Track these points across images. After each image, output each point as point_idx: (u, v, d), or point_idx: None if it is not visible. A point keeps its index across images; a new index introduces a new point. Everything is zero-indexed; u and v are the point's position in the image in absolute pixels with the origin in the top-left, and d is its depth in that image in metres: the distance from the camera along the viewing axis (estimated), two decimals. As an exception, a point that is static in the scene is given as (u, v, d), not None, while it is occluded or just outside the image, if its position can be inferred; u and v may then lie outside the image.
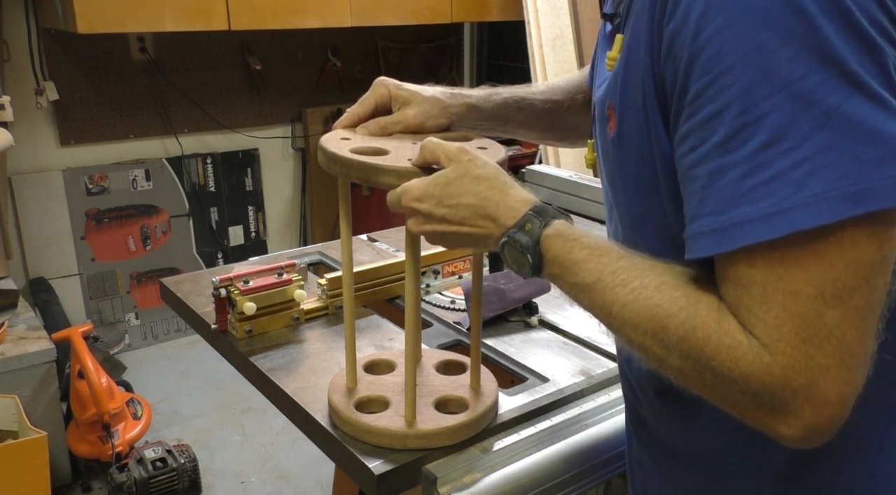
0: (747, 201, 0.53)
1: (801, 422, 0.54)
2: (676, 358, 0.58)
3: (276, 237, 3.64)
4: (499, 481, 0.89)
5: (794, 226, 0.51)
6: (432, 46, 3.83)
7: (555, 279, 0.70)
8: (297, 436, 1.24)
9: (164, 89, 3.14)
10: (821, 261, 0.52)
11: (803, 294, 0.52)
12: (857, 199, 0.50)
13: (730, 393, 0.57)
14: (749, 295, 0.54)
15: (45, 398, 2.27)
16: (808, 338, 0.52)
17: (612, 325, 0.65)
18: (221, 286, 1.19)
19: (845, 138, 0.51)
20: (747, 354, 0.54)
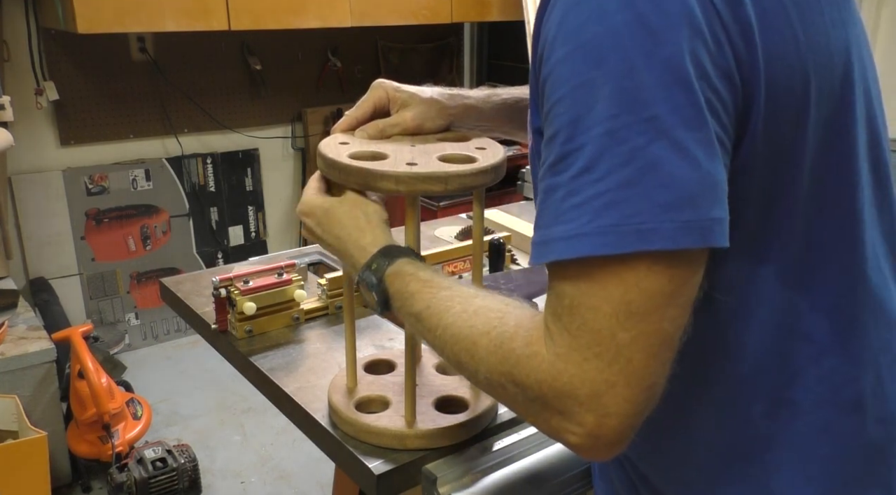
0: (560, 221, 0.57)
1: (584, 431, 0.57)
2: (485, 371, 0.64)
3: (276, 237, 3.64)
4: (499, 481, 0.89)
5: (587, 251, 0.55)
6: (432, 46, 3.83)
7: (398, 312, 0.77)
8: (297, 436, 1.24)
9: (164, 89, 3.14)
10: (619, 283, 0.55)
11: (601, 311, 0.55)
12: (643, 237, 0.54)
13: (526, 400, 0.60)
14: (562, 305, 0.58)
15: (45, 398, 2.27)
16: (600, 354, 0.56)
17: (437, 347, 0.70)
18: (221, 286, 1.19)
19: (643, 178, 0.54)
20: (543, 363, 0.58)
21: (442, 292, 0.71)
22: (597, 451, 0.59)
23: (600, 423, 0.56)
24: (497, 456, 0.92)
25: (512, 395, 0.62)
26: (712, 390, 0.68)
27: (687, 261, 0.56)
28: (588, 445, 0.58)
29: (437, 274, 0.76)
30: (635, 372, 0.56)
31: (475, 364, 0.65)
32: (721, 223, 0.56)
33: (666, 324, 0.56)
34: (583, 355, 0.56)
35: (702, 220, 0.55)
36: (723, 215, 0.56)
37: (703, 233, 0.55)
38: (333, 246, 0.85)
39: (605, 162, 0.55)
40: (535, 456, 0.93)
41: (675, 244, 0.54)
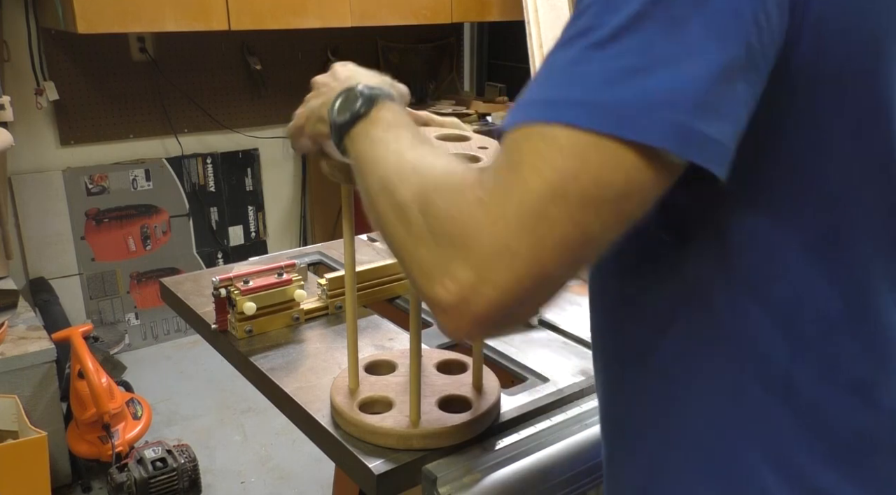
0: (551, 85, 0.54)
1: (457, 287, 0.53)
2: (403, 192, 0.59)
3: (276, 237, 3.64)
4: (499, 481, 0.89)
5: (564, 118, 0.52)
6: (432, 46, 3.83)
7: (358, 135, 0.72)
8: (297, 436, 1.24)
9: (164, 89, 3.14)
10: (577, 158, 0.52)
11: (544, 177, 0.52)
12: (623, 122, 0.51)
13: (424, 232, 0.56)
14: (509, 159, 0.54)
15: (45, 398, 2.27)
16: (520, 217, 0.52)
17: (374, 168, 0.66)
18: (221, 286, 1.19)
19: (652, 71, 0.51)
20: (463, 202, 0.54)
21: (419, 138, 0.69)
22: (456, 318, 0.54)
23: (476, 287, 0.52)
24: (497, 456, 0.92)
25: (414, 226, 0.57)
26: (712, 362, 0.65)
27: (655, 168, 0.52)
28: (452, 305, 0.54)
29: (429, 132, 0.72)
30: (542, 251, 0.52)
31: (403, 185, 0.60)
32: (711, 143, 0.52)
33: (598, 223, 0.52)
34: (503, 211, 0.52)
35: (692, 130, 0.51)
36: (718, 136, 0.52)
37: (687, 142, 0.51)
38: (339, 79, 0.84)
39: (621, 43, 0.52)
40: (536, 456, 0.93)
41: (651, 140, 0.51)
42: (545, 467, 0.93)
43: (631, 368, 0.71)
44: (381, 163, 0.66)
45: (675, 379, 0.67)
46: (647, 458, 0.71)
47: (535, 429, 0.97)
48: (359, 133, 0.72)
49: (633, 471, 0.73)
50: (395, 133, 0.70)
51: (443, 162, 0.62)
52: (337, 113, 0.75)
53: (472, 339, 0.56)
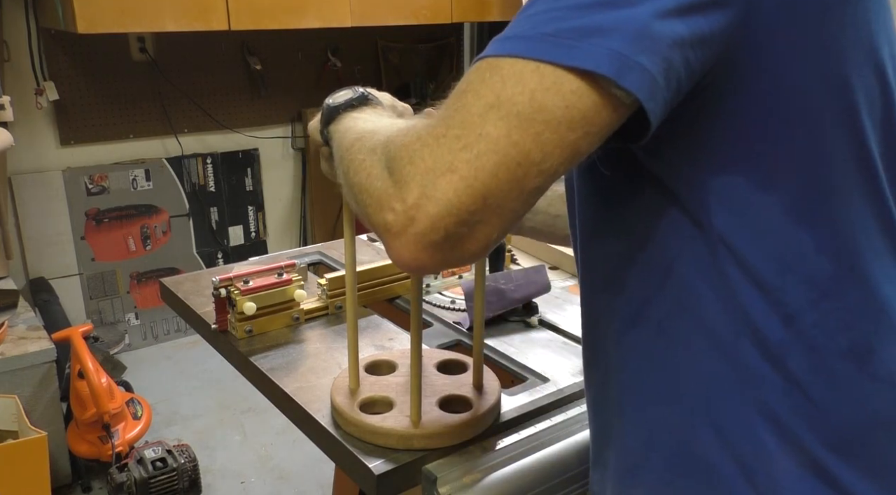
0: (508, 29, 0.57)
1: (402, 207, 0.55)
2: (365, 143, 0.64)
3: (276, 237, 3.64)
4: (499, 481, 0.89)
5: (506, 50, 0.55)
6: (432, 46, 3.83)
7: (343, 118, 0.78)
8: (297, 436, 1.24)
9: (164, 89, 3.14)
10: (517, 82, 0.54)
11: (484, 99, 0.54)
12: (561, 49, 0.53)
13: (376, 165, 0.60)
14: (457, 90, 0.57)
15: (45, 398, 2.27)
16: (459, 136, 0.54)
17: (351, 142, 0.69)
18: (221, 286, 1.19)
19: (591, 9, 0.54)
20: (413, 132, 0.58)
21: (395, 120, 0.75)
22: (403, 239, 0.56)
23: (419, 203, 0.54)
24: (497, 456, 0.92)
25: (374, 165, 0.60)
26: (704, 325, 0.65)
27: (594, 97, 0.54)
28: (399, 227, 0.56)
29: None
30: (480, 170, 0.53)
31: (369, 137, 0.65)
32: (646, 74, 0.53)
33: (535, 146, 0.54)
34: (444, 131, 0.55)
35: (628, 58, 0.53)
36: (652, 69, 0.54)
37: (622, 68, 0.53)
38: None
39: None
40: (536, 456, 0.93)
41: (587, 65, 0.53)
42: (545, 467, 0.93)
43: (627, 328, 0.71)
44: (359, 127, 0.72)
45: (672, 337, 0.67)
46: (645, 418, 0.71)
47: (535, 429, 0.97)
48: (345, 117, 0.78)
49: (632, 432, 0.73)
50: (377, 114, 0.78)
51: (419, 116, 0.66)
52: (333, 99, 0.81)
53: (418, 265, 0.56)
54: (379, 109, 0.81)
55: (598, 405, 0.79)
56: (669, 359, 0.68)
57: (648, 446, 0.71)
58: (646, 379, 0.70)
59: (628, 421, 0.74)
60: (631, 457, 0.74)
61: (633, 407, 0.72)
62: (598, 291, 0.75)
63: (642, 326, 0.69)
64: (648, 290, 0.68)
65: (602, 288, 0.74)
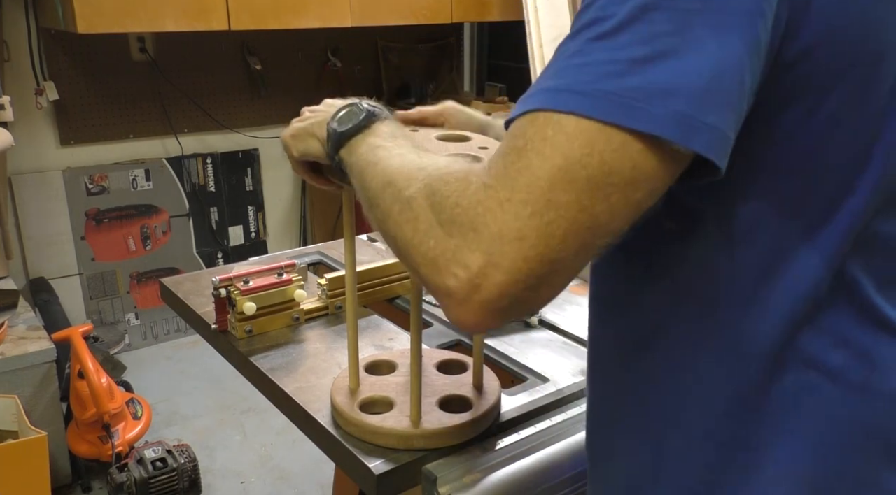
0: (557, 76, 0.55)
1: (467, 275, 0.54)
2: (410, 190, 0.60)
3: (276, 237, 3.64)
4: (499, 481, 0.89)
5: (571, 107, 0.53)
6: (432, 46, 3.83)
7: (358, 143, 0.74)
8: (297, 436, 1.24)
9: (164, 89, 3.14)
10: (584, 145, 0.52)
11: (551, 162, 0.52)
12: (630, 112, 0.52)
13: (430, 222, 0.57)
14: (514, 145, 0.55)
15: (45, 398, 2.27)
16: (527, 201, 0.52)
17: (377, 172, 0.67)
18: (221, 286, 1.19)
19: (656, 61, 0.52)
20: (469, 189, 0.55)
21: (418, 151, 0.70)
22: (467, 305, 0.54)
23: (486, 271, 0.53)
24: (497, 456, 0.92)
25: (418, 219, 0.58)
26: (712, 341, 0.65)
27: (660, 156, 0.53)
28: (463, 294, 0.54)
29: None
30: (550, 238, 0.52)
31: (406, 183, 0.61)
32: (714, 132, 0.53)
33: (604, 209, 0.53)
34: (509, 195, 0.53)
35: (694, 119, 0.52)
36: (721, 126, 0.53)
37: (690, 131, 0.52)
38: (319, 111, 0.85)
39: (627, 34, 0.53)
40: (536, 456, 0.93)
41: (654, 129, 0.52)
42: (545, 467, 0.93)
43: (636, 350, 0.71)
44: (382, 164, 0.67)
45: (680, 361, 0.67)
46: (656, 437, 0.71)
47: (535, 429, 0.97)
48: (358, 142, 0.74)
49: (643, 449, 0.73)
50: (394, 141, 0.72)
51: (446, 159, 0.63)
52: (338, 122, 0.77)
53: (481, 328, 0.56)
54: (388, 125, 0.76)
55: (601, 421, 0.79)
56: (677, 382, 0.68)
57: (656, 468, 0.71)
58: (652, 402, 0.71)
59: (633, 442, 0.74)
60: (636, 479, 0.74)
61: (641, 428, 0.72)
62: (606, 312, 0.75)
63: (652, 349, 0.69)
64: (658, 314, 0.68)
65: (611, 308, 0.74)
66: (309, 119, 0.87)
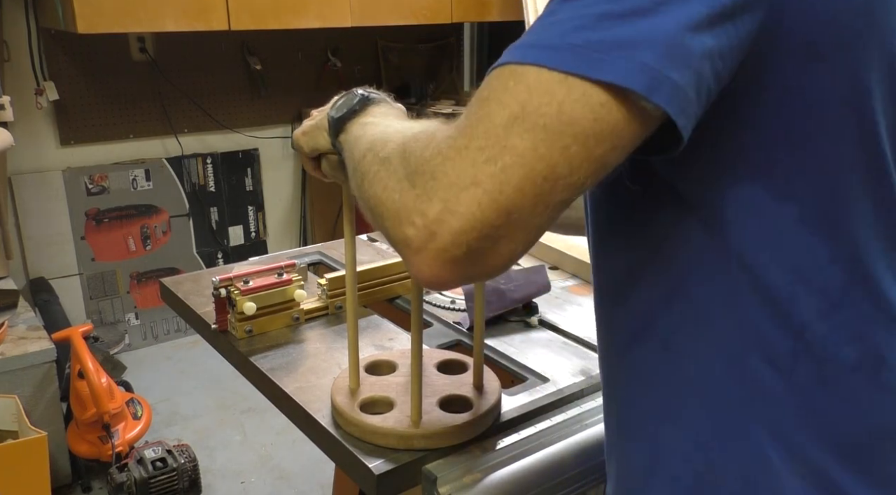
0: (529, 33, 0.56)
1: (423, 222, 0.53)
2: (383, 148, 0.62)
3: (276, 237, 3.64)
4: (499, 481, 0.89)
5: (532, 59, 0.53)
6: (432, 46, 3.83)
7: (352, 126, 0.77)
8: (297, 436, 1.24)
9: (164, 89, 3.14)
10: (543, 93, 0.52)
11: (509, 109, 0.52)
12: (591, 62, 0.52)
13: (397, 176, 0.57)
14: (478, 96, 0.55)
15: (45, 398, 2.27)
16: (483, 148, 0.52)
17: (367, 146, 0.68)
18: (221, 286, 1.19)
19: (623, 19, 0.52)
20: (433, 141, 0.56)
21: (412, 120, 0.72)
22: (424, 255, 0.54)
23: (441, 218, 0.53)
24: (497, 456, 0.92)
25: (391, 175, 0.58)
26: (712, 341, 0.65)
27: (623, 111, 0.52)
28: (420, 243, 0.54)
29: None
30: (505, 184, 0.52)
31: (382, 145, 0.63)
32: (678, 89, 0.52)
33: (562, 160, 0.52)
34: (467, 143, 0.53)
35: (659, 72, 0.51)
36: (683, 84, 0.52)
37: (653, 83, 0.51)
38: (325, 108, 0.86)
39: None
40: (536, 456, 0.93)
41: (618, 79, 0.51)
42: (545, 467, 0.93)
43: (632, 342, 0.71)
44: (367, 136, 0.70)
45: (678, 353, 0.67)
46: (647, 437, 0.71)
47: (535, 429, 0.97)
48: (353, 124, 0.77)
49: (639, 447, 0.73)
50: (384, 119, 0.75)
51: (425, 121, 0.64)
52: (336, 109, 0.80)
53: (440, 281, 0.54)
54: (383, 106, 0.79)
55: (605, 417, 0.79)
56: (674, 375, 0.67)
57: (651, 466, 0.71)
58: (649, 397, 0.70)
59: (630, 441, 0.73)
60: (631, 481, 0.74)
61: (636, 425, 0.72)
62: (606, 301, 0.75)
63: (648, 341, 0.69)
64: (655, 305, 0.67)
65: (610, 298, 0.74)
66: (316, 117, 0.88)
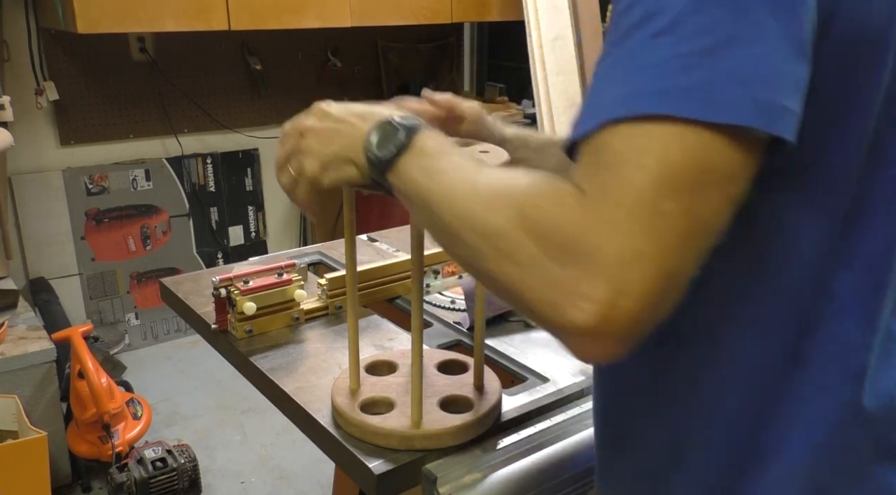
0: (622, 83, 0.53)
1: (593, 307, 0.51)
2: (495, 221, 0.56)
3: (276, 237, 3.64)
4: (499, 481, 0.89)
5: (649, 108, 0.51)
6: (432, 46, 3.83)
7: (407, 165, 0.68)
8: (297, 436, 1.24)
9: (164, 89, 3.14)
10: (678, 147, 0.51)
11: (650, 172, 0.51)
12: (712, 106, 0.51)
13: (537, 256, 0.53)
14: (603, 160, 0.53)
15: (45, 398, 2.27)
16: (637, 218, 0.51)
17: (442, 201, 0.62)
18: (221, 286, 1.19)
19: (724, 50, 0.51)
20: (572, 214, 0.53)
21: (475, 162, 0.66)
22: (600, 340, 0.52)
23: (614, 300, 0.51)
24: (497, 456, 0.92)
25: (522, 256, 0.54)
26: (730, 335, 0.65)
27: (748, 146, 0.52)
28: (592, 326, 0.51)
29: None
30: (667, 248, 0.51)
31: (491, 216, 0.57)
32: (793, 116, 0.52)
33: (709, 210, 0.52)
34: (616, 215, 0.51)
35: (774, 104, 0.52)
36: (796, 109, 0.53)
37: (773, 117, 0.51)
38: (341, 117, 0.78)
39: (687, 26, 0.52)
40: (536, 456, 0.93)
41: (742, 120, 0.51)
42: (545, 467, 0.93)
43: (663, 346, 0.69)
44: (448, 193, 0.62)
45: (707, 357, 0.67)
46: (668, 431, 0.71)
47: (535, 429, 0.97)
48: (407, 165, 0.69)
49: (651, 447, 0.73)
50: (448, 160, 0.66)
51: (522, 178, 0.59)
52: (377, 147, 0.71)
53: (613, 359, 0.55)
54: (433, 139, 0.70)
55: (612, 414, 0.79)
56: (694, 374, 0.68)
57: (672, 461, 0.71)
58: (670, 393, 0.70)
59: (646, 436, 0.73)
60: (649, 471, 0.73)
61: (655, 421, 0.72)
62: None
63: (667, 341, 0.67)
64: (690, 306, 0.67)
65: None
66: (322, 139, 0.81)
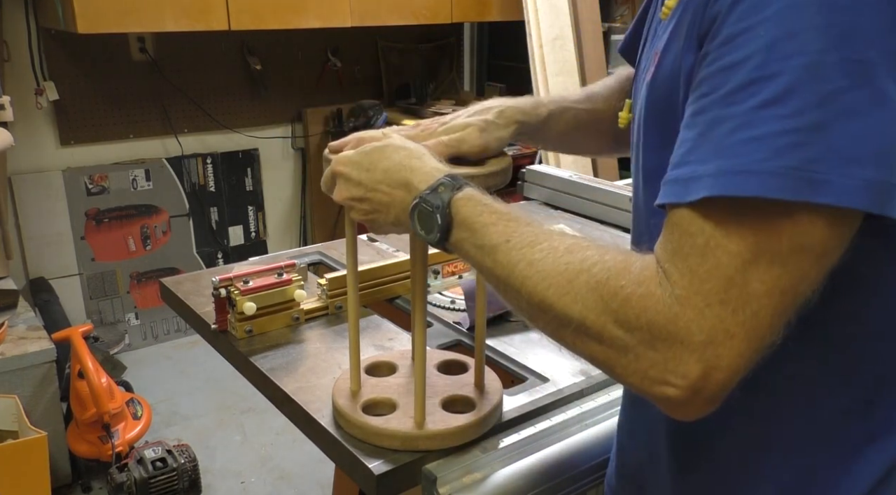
0: (724, 155, 0.52)
1: (686, 383, 0.54)
2: (580, 310, 0.58)
3: (276, 237, 3.64)
4: (499, 481, 0.89)
5: (753, 191, 0.50)
6: (432, 46, 3.83)
7: (461, 244, 0.70)
8: (297, 436, 1.24)
9: (164, 89, 3.14)
10: (771, 231, 0.51)
11: (740, 257, 0.52)
12: (815, 187, 0.49)
13: (625, 345, 0.56)
14: (692, 243, 0.53)
15: (45, 398, 2.27)
16: (726, 301, 0.52)
17: (512, 284, 0.64)
18: (221, 286, 1.19)
19: (835, 124, 0.49)
20: (658, 304, 0.54)
21: (524, 227, 0.65)
22: (692, 407, 0.55)
23: (706, 376, 0.53)
24: (497, 456, 0.92)
25: (609, 340, 0.57)
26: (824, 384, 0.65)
27: (850, 223, 0.52)
28: (686, 399, 0.54)
29: (510, 206, 0.69)
30: (759, 326, 0.52)
31: (568, 303, 0.59)
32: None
33: (804, 283, 0.52)
34: (706, 300, 0.52)
35: (883, 183, 0.50)
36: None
37: (882, 197, 0.50)
38: (380, 182, 0.78)
39: (798, 97, 0.49)
40: (536, 456, 0.93)
41: (847, 202, 0.49)
42: (545, 467, 0.93)
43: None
44: (520, 281, 0.63)
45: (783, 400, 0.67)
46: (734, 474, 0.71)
47: (535, 429, 0.97)
48: (459, 242, 0.70)
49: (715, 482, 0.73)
50: (495, 231, 0.67)
51: (591, 255, 0.60)
52: (425, 233, 0.73)
53: (702, 416, 0.57)
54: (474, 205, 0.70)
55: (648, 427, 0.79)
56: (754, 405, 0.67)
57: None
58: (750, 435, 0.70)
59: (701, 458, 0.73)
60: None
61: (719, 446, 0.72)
62: None
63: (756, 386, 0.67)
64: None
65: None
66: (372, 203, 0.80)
